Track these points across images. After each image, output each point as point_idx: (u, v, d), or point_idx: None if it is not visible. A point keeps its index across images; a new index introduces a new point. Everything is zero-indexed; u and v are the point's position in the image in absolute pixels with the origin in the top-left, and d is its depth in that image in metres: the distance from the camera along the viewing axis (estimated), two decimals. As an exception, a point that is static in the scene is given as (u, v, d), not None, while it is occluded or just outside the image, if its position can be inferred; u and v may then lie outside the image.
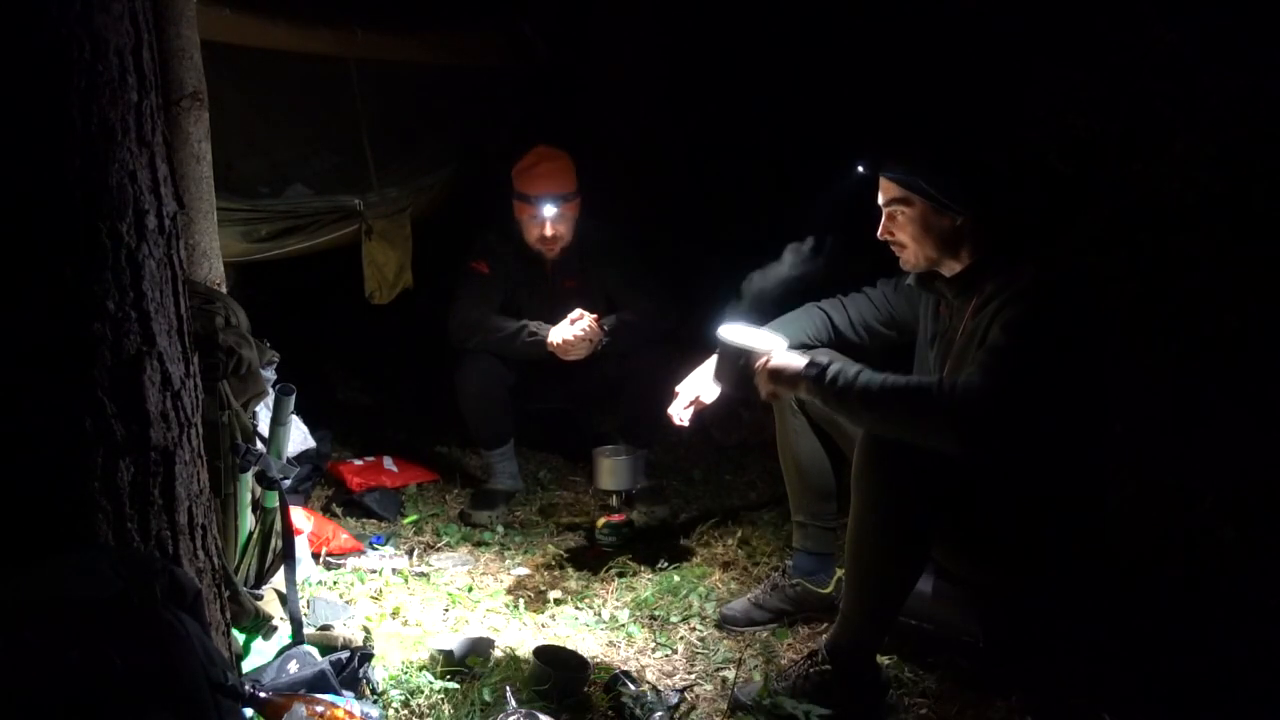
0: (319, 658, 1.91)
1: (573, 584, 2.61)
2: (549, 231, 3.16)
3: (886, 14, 3.57)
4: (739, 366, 2.05)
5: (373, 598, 2.44)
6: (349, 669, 1.91)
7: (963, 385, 1.77)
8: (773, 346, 2.05)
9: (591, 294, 3.37)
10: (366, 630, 2.17)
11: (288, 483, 2.07)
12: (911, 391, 1.81)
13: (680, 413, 2.32)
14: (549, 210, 3.13)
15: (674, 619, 2.40)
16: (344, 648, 2.00)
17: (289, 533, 2.03)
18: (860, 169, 2.11)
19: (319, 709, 1.63)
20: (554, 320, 3.36)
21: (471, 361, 3.10)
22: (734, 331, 2.10)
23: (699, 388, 2.31)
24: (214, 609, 1.65)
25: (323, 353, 4.23)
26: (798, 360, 1.95)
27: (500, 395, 3.19)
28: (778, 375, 1.98)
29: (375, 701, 1.90)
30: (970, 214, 1.93)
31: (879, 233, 2.03)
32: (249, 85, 3.13)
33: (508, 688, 1.98)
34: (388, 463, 3.40)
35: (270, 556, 2.06)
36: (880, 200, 2.02)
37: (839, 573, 2.32)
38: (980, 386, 1.76)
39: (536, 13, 3.99)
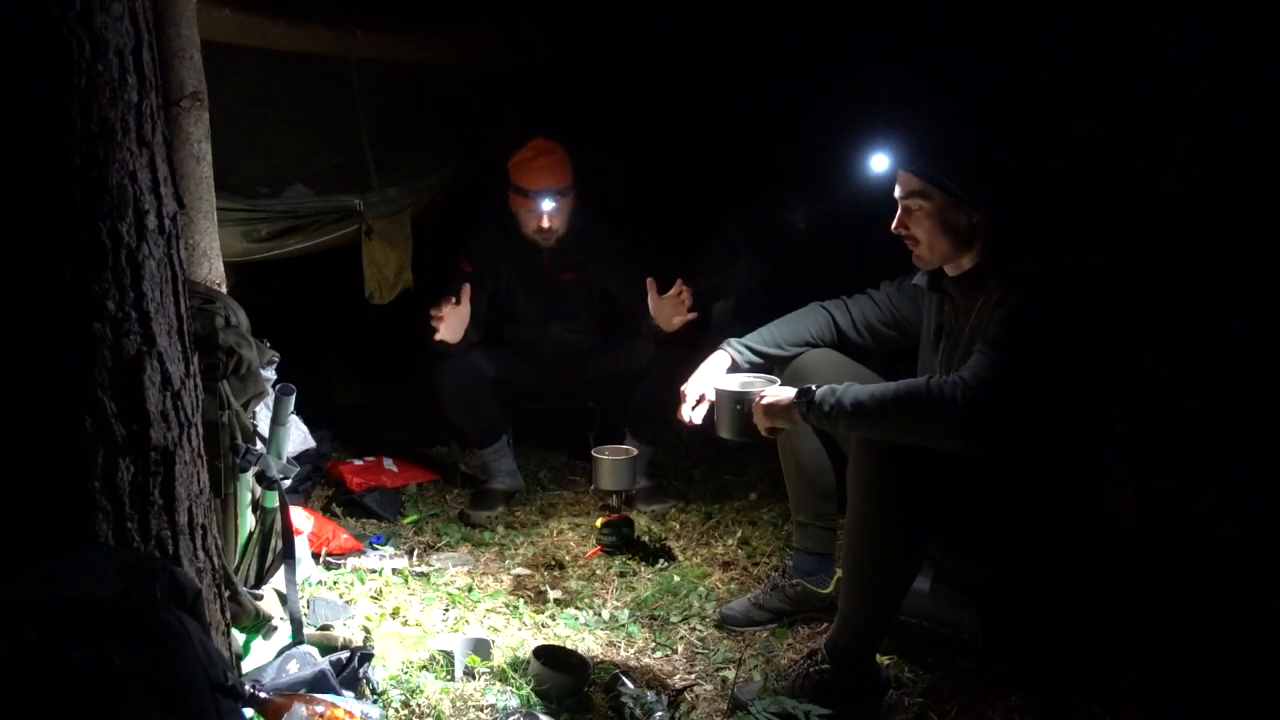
0: (319, 658, 1.91)
1: (573, 584, 2.61)
2: (546, 224, 3.19)
3: (886, 13, 3.58)
4: (737, 412, 2.14)
5: (373, 598, 2.44)
6: (349, 669, 1.91)
7: (961, 379, 1.77)
8: (764, 386, 2.13)
9: (589, 287, 3.38)
10: (366, 630, 2.17)
11: (288, 483, 2.07)
12: (904, 396, 1.82)
13: (690, 413, 2.33)
14: (546, 204, 3.16)
15: (674, 619, 2.40)
16: (344, 648, 2.00)
17: (289, 533, 2.03)
18: (877, 160, 2.13)
19: (319, 709, 1.63)
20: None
21: (446, 361, 3.09)
22: (727, 381, 2.23)
23: (704, 385, 2.32)
24: (214, 609, 1.65)
25: (323, 353, 4.23)
26: (787, 392, 2.01)
27: (480, 392, 3.18)
28: (772, 410, 2.03)
29: (375, 701, 1.90)
30: (988, 212, 1.94)
31: (893, 226, 2.04)
32: (249, 85, 3.13)
33: (508, 688, 1.98)
34: (388, 463, 3.40)
35: (270, 556, 2.06)
36: (897, 193, 2.03)
37: (839, 573, 2.32)
38: (980, 378, 1.76)
39: (536, 13, 3.99)
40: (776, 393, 2.04)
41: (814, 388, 1.94)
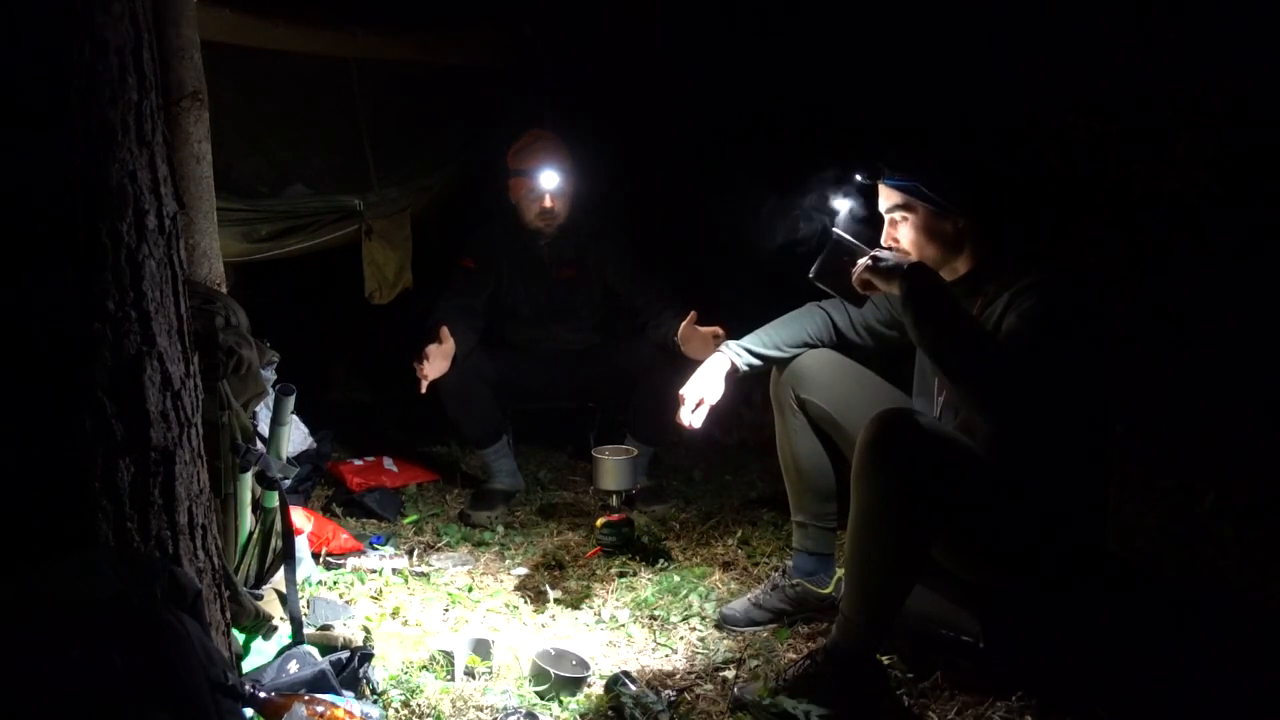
0: (319, 658, 1.92)
1: (573, 584, 2.61)
2: (548, 203, 3.20)
3: (886, 13, 3.58)
4: (844, 263, 2.05)
5: (373, 598, 2.44)
6: (349, 669, 1.91)
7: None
8: (878, 250, 2.05)
9: (589, 284, 3.39)
10: (366, 630, 2.17)
11: (288, 483, 2.07)
12: (978, 342, 1.80)
13: (689, 416, 2.33)
14: (548, 181, 3.16)
15: (674, 619, 2.40)
16: (344, 648, 2.00)
17: (289, 533, 2.03)
18: (859, 177, 2.11)
19: (319, 709, 1.63)
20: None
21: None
22: (846, 232, 2.13)
23: (704, 390, 2.31)
24: (214, 609, 1.65)
25: (323, 353, 4.23)
26: (906, 262, 1.94)
27: (482, 392, 3.18)
28: (881, 272, 1.95)
29: (375, 701, 1.90)
30: (970, 216, 1.94)
31: (883, 240, 2.04)
32: (249, 85, 3.13)
33: (508, 688, 1.98)
34: (388, 463, 3.41)
35: (270, 556, 2.06)
36: (881, 207, 2.03)
37: (839, 573, 2.32)
38: (1007, 369, 1.76)
39: (536, 13, 3.99)
40: (897, 258, 1.98)
41: (928, 273, 1.90)
